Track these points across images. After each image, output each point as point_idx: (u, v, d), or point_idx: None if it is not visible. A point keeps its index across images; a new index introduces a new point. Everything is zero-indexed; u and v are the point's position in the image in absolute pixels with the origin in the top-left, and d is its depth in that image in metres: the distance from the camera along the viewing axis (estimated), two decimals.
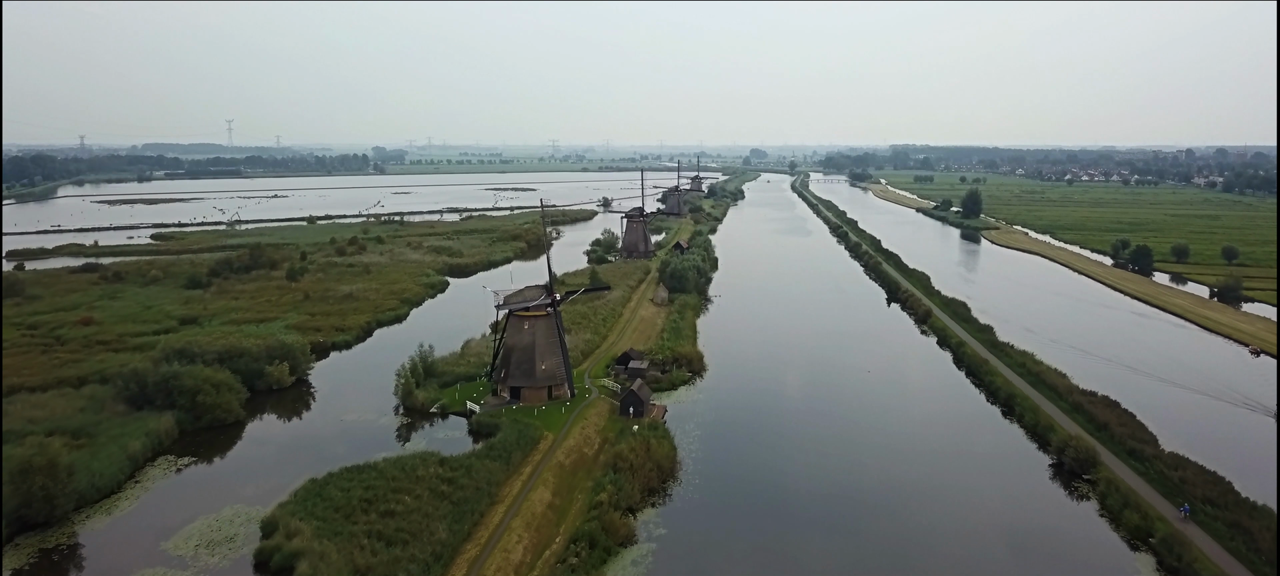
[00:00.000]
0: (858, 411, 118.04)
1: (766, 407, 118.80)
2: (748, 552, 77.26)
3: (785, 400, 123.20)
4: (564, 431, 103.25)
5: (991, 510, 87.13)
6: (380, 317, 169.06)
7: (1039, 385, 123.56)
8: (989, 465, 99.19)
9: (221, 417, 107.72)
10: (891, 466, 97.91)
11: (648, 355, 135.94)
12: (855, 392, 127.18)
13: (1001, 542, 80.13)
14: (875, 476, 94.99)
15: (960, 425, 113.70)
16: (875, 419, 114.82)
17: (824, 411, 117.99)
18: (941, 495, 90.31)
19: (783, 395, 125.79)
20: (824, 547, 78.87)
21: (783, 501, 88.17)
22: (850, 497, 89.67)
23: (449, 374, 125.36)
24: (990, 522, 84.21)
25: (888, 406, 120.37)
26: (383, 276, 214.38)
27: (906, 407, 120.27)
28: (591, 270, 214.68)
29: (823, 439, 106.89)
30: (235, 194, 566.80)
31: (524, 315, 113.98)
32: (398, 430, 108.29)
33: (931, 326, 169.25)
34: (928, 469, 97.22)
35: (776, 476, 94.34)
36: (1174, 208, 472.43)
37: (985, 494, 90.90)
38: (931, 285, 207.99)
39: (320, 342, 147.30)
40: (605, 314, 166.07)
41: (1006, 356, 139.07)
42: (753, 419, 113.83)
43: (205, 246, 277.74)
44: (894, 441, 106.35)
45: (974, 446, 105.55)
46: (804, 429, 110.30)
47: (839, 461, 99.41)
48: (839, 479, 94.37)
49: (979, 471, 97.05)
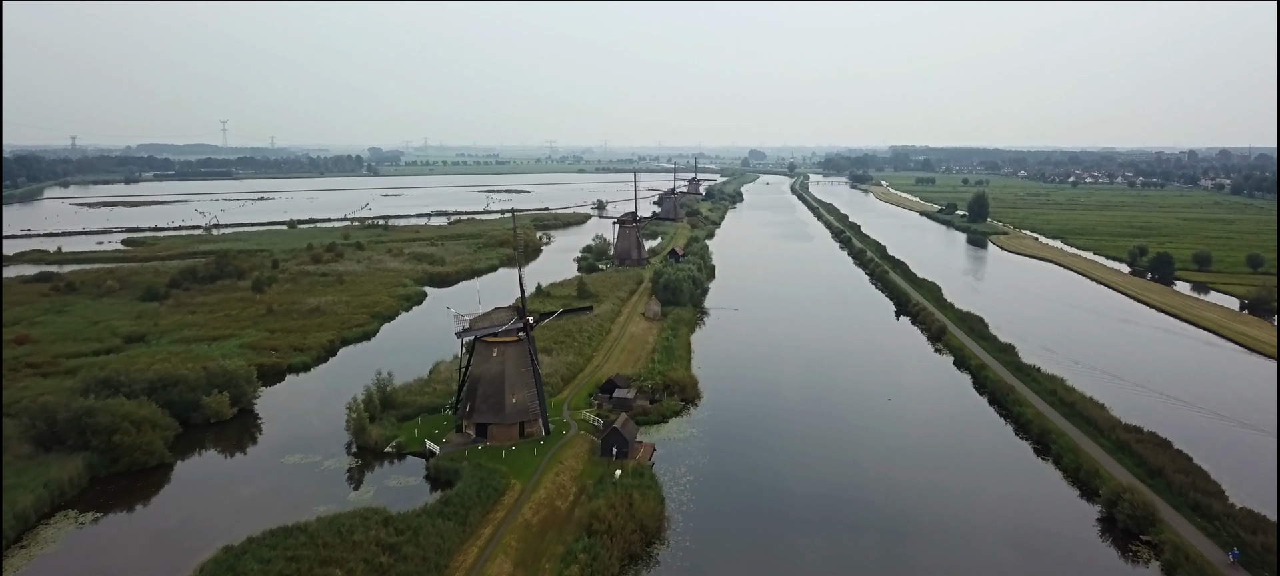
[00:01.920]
0: (874, 445, 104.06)
1: (768, 443, 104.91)
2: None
3: (788, 434, 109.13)
4: (534, 478, 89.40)
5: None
6: (346, 335, 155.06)
7: (1074, 417, 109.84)
8: (1027, 518, 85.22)
9: (142, 461, 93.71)
10: (918, 510, 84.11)
11: (636, 381, 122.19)
12: (869, 424, 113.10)
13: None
14: (897, 523, 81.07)
15: (991, 463, 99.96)
16: (894, 453, 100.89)
17: (834, 446, 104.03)
18: (983, 552, 76.58)
19: (785, 427, 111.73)
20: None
21: (788, 566, 74.35)
22: (870, 552, 75.88)
23: (411, 404, 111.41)
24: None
25: (906, 438, 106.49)
26: (356, 287, 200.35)
27: (927, 441, 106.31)
28: (579, 280, 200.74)
29: (833, 482, 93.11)
30: (221, 196, 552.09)
31: (492, 341, 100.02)
32: (348, 473, 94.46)
33: (947, 345, 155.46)
34: (960, 516, 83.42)
35: (780, 532, 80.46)
36: (1183, 211, 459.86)
37: (1031, 555, 77.04)
38: (943, 297, 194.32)
39: (274, 365, 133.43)
40: (592, 331, 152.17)
41: (1034, 382, 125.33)
42: (752, 457, 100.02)
43: (175, 253, 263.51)
44: (915, 480, 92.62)
45: (1008, 491, 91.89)
46: (810, 469, 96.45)
47: (853, 504, 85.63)
48: (850, 517, 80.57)
49: (1017, 525, 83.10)
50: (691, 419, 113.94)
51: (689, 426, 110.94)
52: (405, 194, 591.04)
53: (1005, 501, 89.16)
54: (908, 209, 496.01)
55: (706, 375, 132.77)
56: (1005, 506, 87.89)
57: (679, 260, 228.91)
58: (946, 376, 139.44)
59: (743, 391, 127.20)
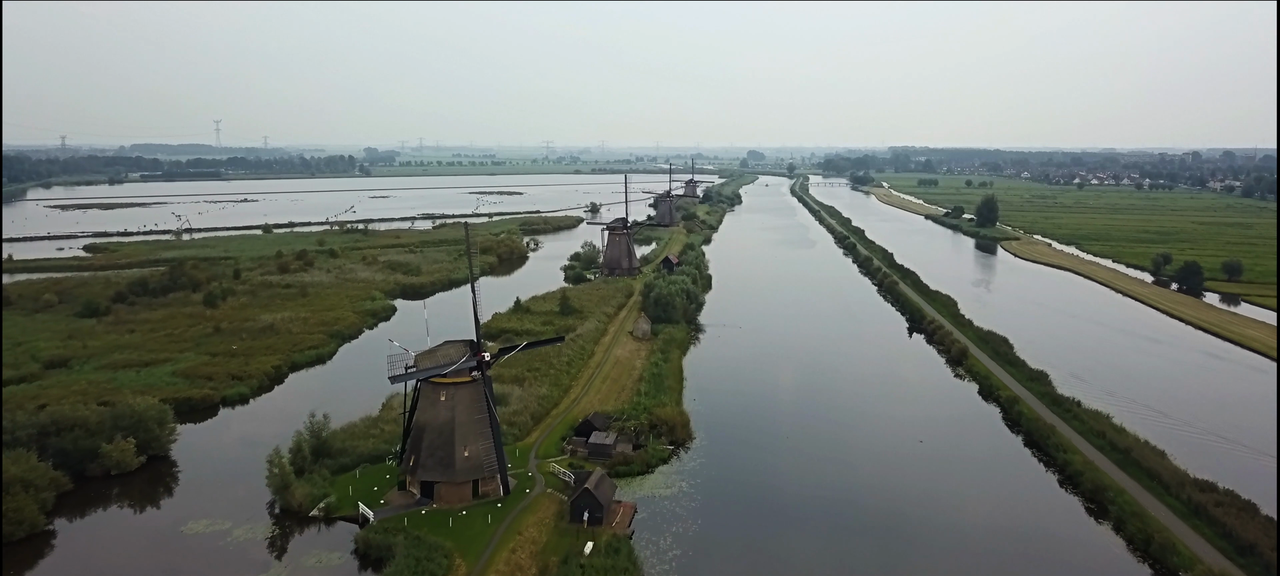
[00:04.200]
0: (906, 505, 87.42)
1: (770, 502, 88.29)
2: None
3: (796, 489, 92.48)
4: (485, 556, 72.86)
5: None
6: (296, 358, 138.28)
7: (1131, 468, 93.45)
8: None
9: (8, 533, 77.10)
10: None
11: (618, 420, 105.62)
12: (899, 479, 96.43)
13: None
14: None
15: (1035, 522, 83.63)
16: (932, 518, 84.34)
17: (853, 504, 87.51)
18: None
19: (792, 479, 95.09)
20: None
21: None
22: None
23: (350, 452, 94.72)
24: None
25: (937, 488, 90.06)
26: (320, 300, 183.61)
27: (963, 496, 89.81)
28: (563, 293, 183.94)
29: (854, 551, 76.67)
30: (203, 198, 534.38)
31: (440, 382, 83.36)
32: (265, 543, 77.98)
33: (969, 370, 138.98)
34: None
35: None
36: (1197, 215, 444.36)
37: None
38: (959, 312, 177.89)
39: (206, 398, 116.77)
40: (572, 354, 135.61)
41: (1076, 420, 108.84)
42: (751, 521, 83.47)
43: (136, 260, 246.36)
44: (950, 542, 76.33)
45: (1063, 558, 75.59)
46: (824, 535, 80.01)
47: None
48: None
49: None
50: (681, 467, 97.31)
51: (678, 478, 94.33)
52: (394, 196, 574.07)
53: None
54: (911, 212, 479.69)
55: (699, 409, 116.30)
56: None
57: (673, 270, 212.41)
58: (972, 409, 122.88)
59: (740, 428, 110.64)
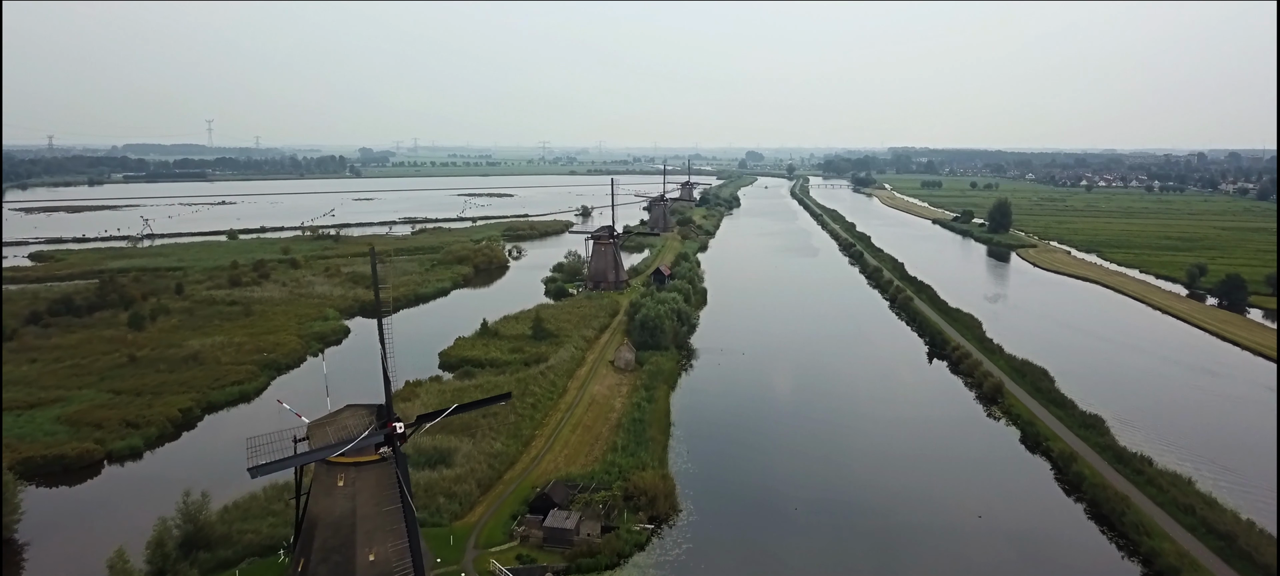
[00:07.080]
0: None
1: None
2: None
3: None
4: None
5: None
6: (214, 397, 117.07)
7: (1238, 561, 72.91)
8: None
9: None
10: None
11: (585, 488, 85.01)
12: (947, 558, 75.93)
13: None
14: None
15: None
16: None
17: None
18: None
19: (807, 573, 74.58)
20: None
21: None
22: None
23: (234, 541, 73.71)
24: None
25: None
26: (264, 320, 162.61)
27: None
28: (536, 314, 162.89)
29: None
30: (179, 201, 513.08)
31: (337, 463, 62.47)
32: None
33: (1006, 411, 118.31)
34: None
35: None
36: (1215, 219, 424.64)
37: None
38: (985, 335, 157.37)
39: (87, 453, 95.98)
40: (538, 395, 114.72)
41: (1152, 487, 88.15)
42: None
43: (78, 271, 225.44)
44: None
45: None
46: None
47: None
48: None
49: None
50: (661, 557, 76.29)
51: (656, 573, 73.53)
52: (379, 198, 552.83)
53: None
54: (917, 215, 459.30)
55: (688, 468, 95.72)
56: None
57: (664, 283, 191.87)
58: (1014, 457, 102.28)
59: (737, 497, 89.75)
